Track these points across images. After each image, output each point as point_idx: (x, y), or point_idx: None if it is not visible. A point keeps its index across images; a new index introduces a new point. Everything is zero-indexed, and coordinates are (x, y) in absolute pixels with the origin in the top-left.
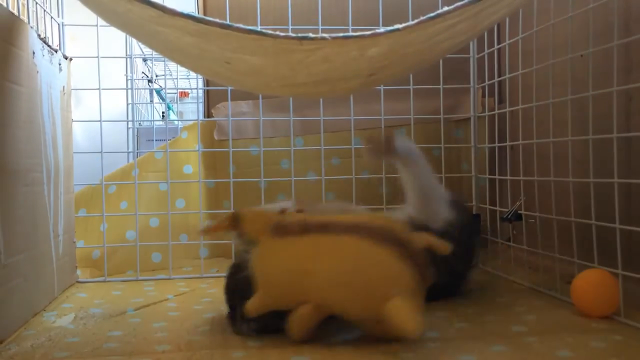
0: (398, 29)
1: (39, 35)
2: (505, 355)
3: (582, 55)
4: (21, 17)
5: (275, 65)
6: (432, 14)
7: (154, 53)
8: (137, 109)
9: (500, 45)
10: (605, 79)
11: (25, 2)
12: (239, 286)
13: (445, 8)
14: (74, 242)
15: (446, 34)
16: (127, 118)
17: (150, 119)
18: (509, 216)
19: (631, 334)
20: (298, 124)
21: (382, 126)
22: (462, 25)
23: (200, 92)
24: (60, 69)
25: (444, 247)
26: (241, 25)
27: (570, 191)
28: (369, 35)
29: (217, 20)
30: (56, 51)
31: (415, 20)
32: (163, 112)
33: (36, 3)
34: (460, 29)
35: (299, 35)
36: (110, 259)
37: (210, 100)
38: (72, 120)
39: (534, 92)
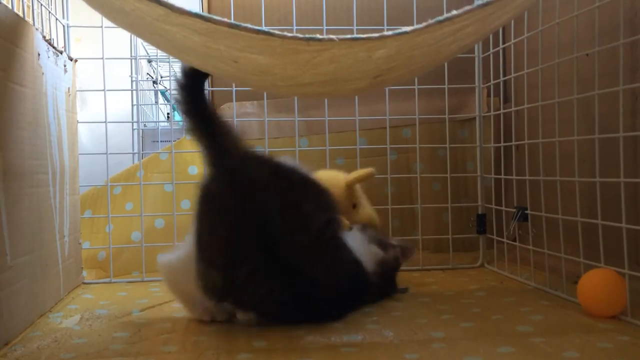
0: (406, 32)
1: (44, 37)
2: (511, 356)
3: (587, 54)
4: (26, 18)
5: (283, 65)
6: (440, 18)
7: (159, 54)
8: (142, 110)
9: (505, 45)
10: (611, 78)
11: (30, 4)
12: None
13: (454, 12)
14: (80, 243)
15: (454, 37)
16: (132, 119)
17: (155, 120)
18: (516, 217)
19: (638, 334)
20: (303, 125)
21: (387, 126)
22: (470, 29)
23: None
24: (66, 71)
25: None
26: (249, 25)
27: (576, 191)
28: (376, 38)
29: (225, 19)
30: (61, 53)
31: (424, 24)
32: (168, 113)
33: (41, 5)
34: (468, 32)
35: (307, 36)
36: (115, 260)
37: (215, 100)
38: (77, 122)
39: (539, 91)
